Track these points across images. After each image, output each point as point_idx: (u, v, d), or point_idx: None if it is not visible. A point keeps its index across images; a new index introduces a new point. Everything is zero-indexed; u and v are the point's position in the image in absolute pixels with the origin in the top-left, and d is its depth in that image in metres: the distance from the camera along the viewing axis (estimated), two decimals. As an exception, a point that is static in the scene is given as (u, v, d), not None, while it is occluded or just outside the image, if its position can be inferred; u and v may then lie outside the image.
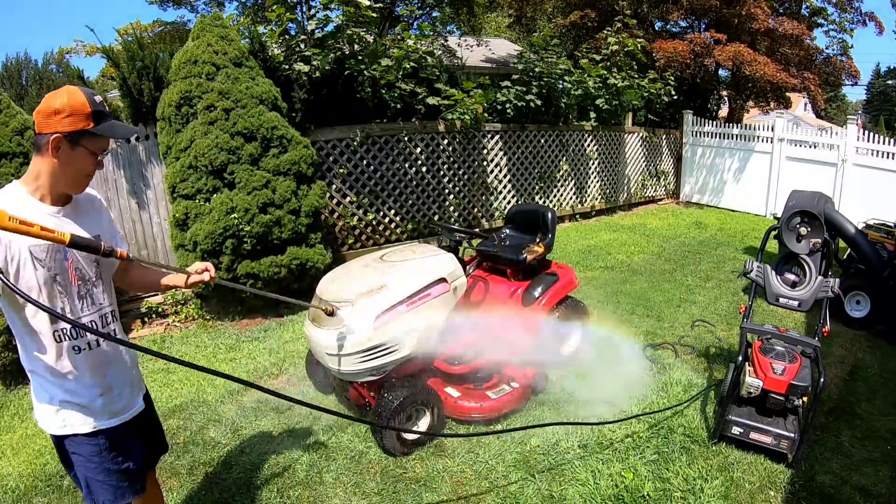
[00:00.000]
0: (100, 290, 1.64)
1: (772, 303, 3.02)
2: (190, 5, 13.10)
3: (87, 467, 1.64)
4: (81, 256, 1.56)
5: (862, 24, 11.62)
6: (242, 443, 2.80)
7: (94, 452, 1.64)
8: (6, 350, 3.49)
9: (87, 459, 1.63)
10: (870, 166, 7.65)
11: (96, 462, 1.64)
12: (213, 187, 4.22)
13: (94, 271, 1.61)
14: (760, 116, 14.33)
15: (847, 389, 3.38)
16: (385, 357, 2.58)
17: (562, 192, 8.18)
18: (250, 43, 5.04)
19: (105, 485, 1.66)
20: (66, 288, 1.54)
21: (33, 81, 19.12)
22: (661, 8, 10.96)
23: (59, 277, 1.52)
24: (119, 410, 1.68)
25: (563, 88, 7.68)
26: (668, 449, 2.70)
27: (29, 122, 3.70)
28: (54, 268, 1.50)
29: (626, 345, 3.86)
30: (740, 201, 9.27)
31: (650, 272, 5.79)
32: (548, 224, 3.63)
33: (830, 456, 2.70)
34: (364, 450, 2.71)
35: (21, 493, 2.50)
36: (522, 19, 13.29)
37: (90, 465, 1.64)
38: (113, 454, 1.67)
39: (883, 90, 43.37)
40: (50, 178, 1.49)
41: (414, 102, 6.08)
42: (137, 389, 1.78)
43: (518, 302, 3.38)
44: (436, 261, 2.87)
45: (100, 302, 1.64)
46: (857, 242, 4.04)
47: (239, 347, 3.99)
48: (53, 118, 1.43)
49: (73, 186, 1.55)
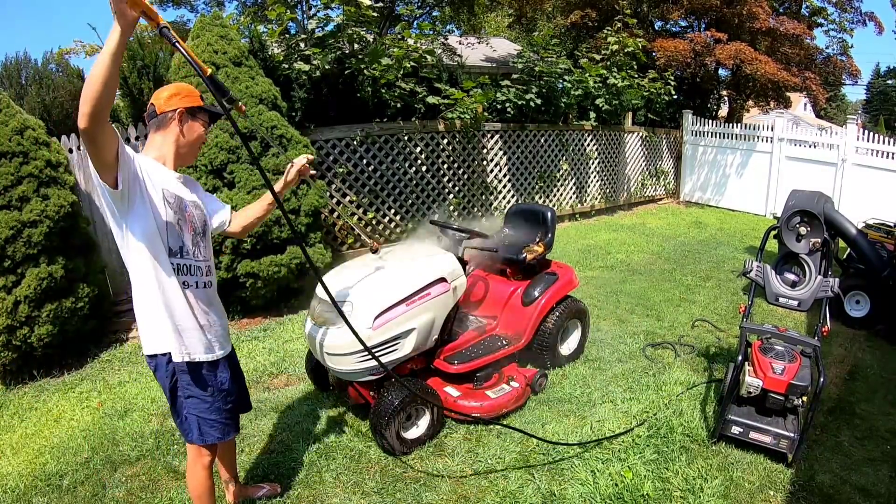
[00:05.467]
0: (206, 243, 1.94)
1: (771, 302, 3.02)
2: (190, 5, 13.08)
3: (200, 408, 1.87)
4: (196, 212, 1.89)
5: (862, 23, 11.63)
6: (242, 443, 2.80)
7: (209, 389, 1.88)
8: (6, 349, 3.49)
9: (201, 400, 1.87)
10: (870, 166, 7.65)
11: (209, 402, 1.88)
12: (213, 187, 4.22)
13: (202, 226, 1.91)
14: (760, 116, 14.32)
15: (847, 389, 3.38)
16: (384, 356, 2.58)
17: (562, 191, 8.17)
18: (250, 42, 5.04)
19: (216, 423, 1.91)
20: (184, 231, 1.83)
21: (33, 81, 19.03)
22: (662, 7, 10.95)
23: (180, 221, 1.81)
24: (223, 345, 1.96)
25: (563, 88, 7.68)
26: (667, 448, 2.70)
27: (28, 122, 3.70)
28: (178, 212, 1.80)
29: None
30: (740, 201, 9.27)
31: (650, 272, 5.78)
32: (548, 223, 3.63)
33: (830, 456, 2.70)
34: (364, 449, 2.71)
35: (21, 493, 2.49)
36: (522, 19, 13.27)
37: (203, 405, 1.88)
38: (223, 392, 1.92)
39: (883, 90, 43.34)
40: (174, 146, 1.83)
41: (414, 102, 6.07)
42: (228, 335, 2.05)
43: (518, 301, 3.38)
44: (435, 260, 2.86)
45: (205, 254, 1.92)
46: (856, 242, 4.03)
47: (239, 347, 3.99)
48: (174, 98, 1.81)
49: (190, 154, 1.91)
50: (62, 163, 3.83)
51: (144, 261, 1.74)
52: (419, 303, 2.68)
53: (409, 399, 2.60)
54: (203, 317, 1.87)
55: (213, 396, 1.89)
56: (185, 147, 1.87)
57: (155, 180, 1.74)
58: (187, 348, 1.83)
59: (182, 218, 1.82)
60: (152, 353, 1.82)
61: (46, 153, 3.69)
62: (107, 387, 3.48)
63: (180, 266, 1.81)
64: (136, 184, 1.67)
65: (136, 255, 1.74)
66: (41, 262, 3.53)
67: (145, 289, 1.77)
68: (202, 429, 1.89)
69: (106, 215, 1.76)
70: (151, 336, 1.81)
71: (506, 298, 3.41)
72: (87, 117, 1.43)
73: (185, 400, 1.86)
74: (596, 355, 3.75)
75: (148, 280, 1.76)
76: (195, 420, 1.88)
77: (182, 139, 1.84)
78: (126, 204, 1.66)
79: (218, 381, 1.91)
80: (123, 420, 3.06)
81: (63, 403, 3.30)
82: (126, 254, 1.76)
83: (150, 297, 1.78)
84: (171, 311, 1.79)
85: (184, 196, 1.85)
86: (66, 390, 3.46)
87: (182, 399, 1.86)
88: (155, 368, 1.86)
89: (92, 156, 1.53)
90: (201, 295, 1.89)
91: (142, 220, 1.70)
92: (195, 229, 1.88)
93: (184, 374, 1.84)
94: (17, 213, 3.46)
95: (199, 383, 1.86)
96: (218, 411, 1.91)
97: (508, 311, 3.39)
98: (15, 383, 3.58)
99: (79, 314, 3.74)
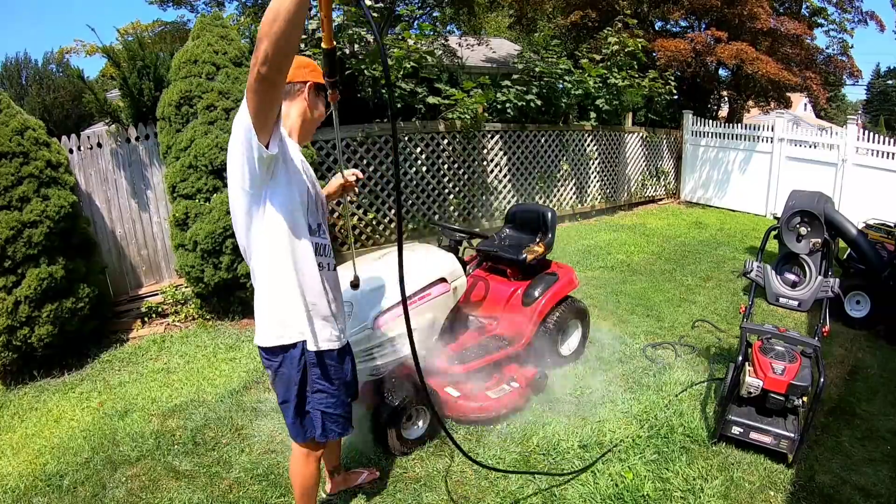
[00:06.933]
0: (326, 223, 1.85)
1: (772, 303, 3.02)
2: (190, 5, 13.07)
3: (327, 403, 1.77)
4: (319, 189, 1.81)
5: (862, 23, 11.63)
6: (242, 443, 2.80)
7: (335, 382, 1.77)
8: (6, 350, 3.49)
9: (329, 395, 1.76)
10: (870, 166, 7.65)
11: (336, 396, 1.78)
12: (213, 187, 4.21)
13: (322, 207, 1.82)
14: (760, 116, 14.32)
15: (847, 389, 3.38)
16: (384, 357, 2.58)
17: (562, 191, 8.17)
18: (250, 42, 5.04)
19: (340, 419, 1.81)
20: (318, 208, 1.75)
21: (33, 81, 19.13)
22: (662, 8, 10.95)
23: (316, 196, 1.76)
24: (343, 331, 1.85)
25: (564, 88, 7.67)
26: (668, 449, 2.70)
27: (29, 123, 3.70)
28: (312, 186, 1.73)
29: None
30: (740, 201, 9.26)
31: (650, 272, 5.78)
32: (548, 224, 3.63)
33: (830, 456, 2.70)
34: (364, 449, 2.71)
35: (21, 493, 2.50)
36: (523, 19, 13.27)
37: (331, 399, 1.77)
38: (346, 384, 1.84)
39: (883, 90, 43.36)
40: (300, 119, 1.78)
41: (414, 102, 6.08)
42: None
43: (518, 302, 3.38)
44: (436, 261, 2.86)
45: (326, 232, 1.81)
46: (857, 242, 4.03)
47: (239, 347, 3.99)
48: (303, 70, 1.74)
49: (309, 132, 1.86)
50: (62, 163, 3.83)
51: (282, 239, 1.60)
52: (419, 303, 2.68)
53: (409, 400, 2.60)
54: (334, 303, 1.77)
55: (338, 390, 1.78)
56: (310, 123, 1.81)
57: (291, 150, 1.64)
58: (321, 337, 1.71)
59: (317, 193, 1.74)
60: (284, 343, 1.68)
61: (47, 153, 3.70)
62: (107, 387, 3.49)
63: (318, 246, 1.70)
64: (282, 150, 1.54)
65: (273, 233, 1.59)
66: (41, 263, 3.53)
67: (280, 272, 1.63)
68: (326, 425, 1.77)
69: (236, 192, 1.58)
70: (284, 325, 1.68)
71: (506, 299, 3.41)
72: (270, 61, 1.24)
73: (313, 395, 1.75)
74: (596, 355, 3.75)
75: (284, 261, 1.62)
76: (320, 416, 1.76)
77: (308, 114, 1.78)
78: (269, 173, 1.52)
79: (343, 373, 1.81)
80: (123, 420, 3.06)
81: (63, 404, 3.30)
82: (258, 233, 1.61)
83: (286, 281, 1.64)
84: (308, 295, 1.67)
85: (311, 171, 1.75)
86: (67, 390, 3.46)
87: (309, 395, 1.74)
88: (280, 363, 1.72)
89: (259, 110, 1.36)
90: (332, 278, 1.78)
91: (283, 193, 1.57)
92: (323, 206, 1.80)
93: (314, 368, 1.72)
94: (17, 214, 3.47)
95: (327, 376, 1.75)
96: (343, 405, 1.81)
97: (509, 312, 3.39)
98: (15, 383, 3.58)
99: (79, 314, 3.74)
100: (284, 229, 1.60)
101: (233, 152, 1.53)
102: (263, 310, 1.70)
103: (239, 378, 3.50)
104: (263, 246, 1.62)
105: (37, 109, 16.66)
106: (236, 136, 1.49)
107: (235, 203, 1.62)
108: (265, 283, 1.67)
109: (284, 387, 1.75)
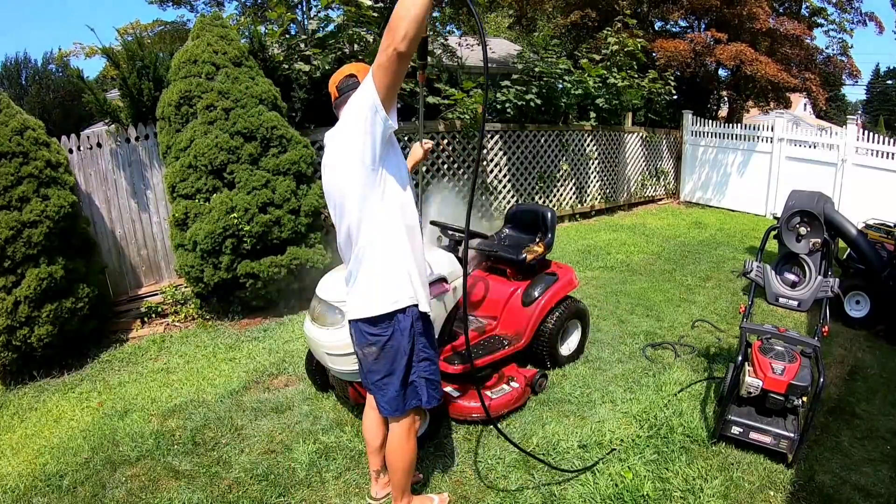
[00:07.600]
0: None
1: (771, 303, 3.02)
2: (190, 5, 13.08)
3: (430, 370, 1.86)
4: None
5: (862, 24, 11.62)
6: (242, 443, 2.80)
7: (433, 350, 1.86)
8: (6, 350, 3.49)
9: (431, 361, 1.86)
10: (870, 166, 7.65)
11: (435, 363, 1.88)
12: (213, 187, 4.22)
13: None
14: (760, 116, 14.33)
15: (847, 389, 3.38)
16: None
17: (562, 191, 8.17)
18: (250, 42, 5.03)
19: (437, 384, 1.90)
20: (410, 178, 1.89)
21: (33, 81, 19.14)
22: (662, 8, 10.95)
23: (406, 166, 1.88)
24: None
25: (563, 88, 7.68)
26: (667, 449, 2.70)
27: (28, 122, 3.70)
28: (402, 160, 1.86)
29: None
30: (740, 201, 9.27)
31: (650, 272, 5.78)
32: (547, 224, 3.63)
33: (830, 456, 2.70)
34: (364, 449, 2.71)
35: (21, 493, 2.49)
36: (523, 19, 13.28)
37: (433, 366, 1.87)
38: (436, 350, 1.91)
39: (883, 90, 43.37)
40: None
41: (414, 102, 6.08)
42: None
43: (518, 302, 3.38)
44: (435, 260, 2.86)
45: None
46: (856, 242, 4.04)
47: (239, 347, 3.99)
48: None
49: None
50: (62, 163, 3.83)
51: (395, 206, 1.74)
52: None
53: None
54: (424, 267, 1.87)
55: (437, 355, 1.89)
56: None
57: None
58: (424, 299, 1.80)
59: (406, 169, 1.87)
60: (399, 308, 1.76)
61: (46, 153, 3.70)
62: (107, 387, 3.48)
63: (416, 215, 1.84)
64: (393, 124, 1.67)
65: (389, 201, 1.73)
66: (41, 263, 3.53)
67: (394, 238, 1.75)
68: (429, 392, 1.85)
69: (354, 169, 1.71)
70: (400, 288, 1.76)
71: (506, 299, 3.41)
72: (410, 40, 1.43)
73: (419, 364, 1.83)
74: (596, 355, 3.75)
75: (398, 228, 1.75)
76: (424, 384, 1.84)
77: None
78: (386, 147, 1.68)
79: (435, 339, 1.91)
80: (123, 420, 3.05)
81: (63, 404, 3.30)
82: (374, 203, 1.72)
83: (400, 247, 1.75)
84: (415, 260, 1.79)
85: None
86: (66, 390, 3.46)
87: (415, 363, 1.82)
88: (390, 335, 1.77)
89: (390, 86, 1.55)
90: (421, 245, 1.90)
91: (394, 164, 1.74)
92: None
93: (420, 336, 1.80)
94: (17, 214, 3.47)
95: (431, 342, 1.85)
96: (438, 372, 1.90)
97: (508, 312, 3.39)
98: (15, 383, 3.58)
99: (79, 314, 3.74)
100: (398, 196, 1.75)
101: (353, 133, 1.68)
102: (375, 279, 1.77)
103: (239, 378, 3.50)
104: (379, 215, 1.74)
105: (36, 109, 16.66)
106: (359, 116, 1.63)
107: (350, 180, 1.73)
108: (380, 251, 1.76)
109: (391, 359, 1.80)
